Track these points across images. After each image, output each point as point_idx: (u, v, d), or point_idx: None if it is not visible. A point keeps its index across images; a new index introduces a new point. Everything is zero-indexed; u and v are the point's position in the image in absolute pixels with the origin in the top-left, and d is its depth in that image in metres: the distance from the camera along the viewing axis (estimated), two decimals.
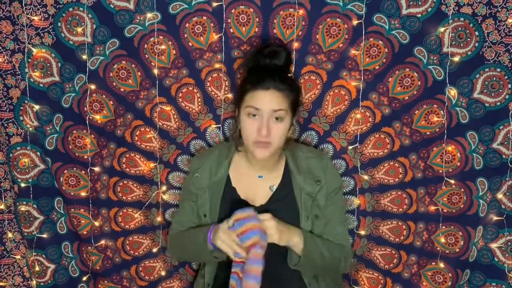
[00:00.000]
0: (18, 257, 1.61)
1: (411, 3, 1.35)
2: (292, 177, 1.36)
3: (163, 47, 1.41)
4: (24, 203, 1.51)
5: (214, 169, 1.38)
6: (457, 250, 1.49)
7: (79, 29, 1.39)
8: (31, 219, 1.52)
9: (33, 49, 1.40)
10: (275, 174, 1.37)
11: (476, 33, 1.36)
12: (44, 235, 1.54)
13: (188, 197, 1.42)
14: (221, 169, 1.38)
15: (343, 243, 1.38)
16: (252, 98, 1.21)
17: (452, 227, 1.49)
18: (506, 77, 1.38)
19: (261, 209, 1.28)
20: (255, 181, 1.37)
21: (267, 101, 1.20)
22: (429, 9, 1.35)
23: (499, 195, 1.47)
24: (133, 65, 1.43)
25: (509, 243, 1.50)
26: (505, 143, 1.43)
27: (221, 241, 1.20)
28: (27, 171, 1.50)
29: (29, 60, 1.41)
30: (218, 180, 1.37)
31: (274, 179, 1.37)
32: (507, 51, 1.37)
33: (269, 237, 1.20)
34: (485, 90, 1.40)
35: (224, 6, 1.37)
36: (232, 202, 1.34)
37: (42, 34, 1.40)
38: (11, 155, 1.48)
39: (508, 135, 1.42)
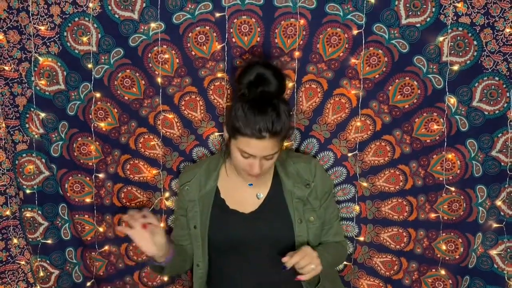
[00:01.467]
0: (22, 262, 1.63)
1: (410, 13, 1.37)
2: (282, 183, 1.38)
3: (166, 56, 1.44)
4: (29, 209, 1.54)
5: (203, 182, 1.41)
6: (457, 256, 1.51)
7: (85, 39, 1.42)
8: (36, 225, 1.55)
9: (39, 58, 1.43)
10: (264, 180, 1.39)
11: (475, 42, 1.39)
12: (49, 241, 1.56)
13: (180, 213, 1.46)
14: (210, 181, 1.41)
15: (341, 238, 1.49)
16: (246, 144, 1.21)
17: (452, 234, 1.51)
18: (504, 85, 1.41)
19: (251, 216, 1.33)
20: (244, 190, 1.39)
21: (261, 149, 1.20)
22: (428, 19, 1.37)
23: (498, 202, 1.49)
24: (137, 74, 1.46)
25: (509, 250, 1.52)
26: (504, 150, 1.45)
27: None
28: (33, 177, 1.52)
29: (36, 68, 1.44)
30: (207, 192, 1.40)
31: (264, 185, 1.39)
32: (505, 60, 1.40)
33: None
34: (484, 99, 1.43)
35: (226, 17, 1.40)
36: (221, 212, 1.38)
37: (48, 44, 1.43)
38: (16, 162, 1.51)
39: (507, 142, 1.44)
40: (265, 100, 1.22)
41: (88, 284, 1.60)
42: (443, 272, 1.52)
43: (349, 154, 1.51)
